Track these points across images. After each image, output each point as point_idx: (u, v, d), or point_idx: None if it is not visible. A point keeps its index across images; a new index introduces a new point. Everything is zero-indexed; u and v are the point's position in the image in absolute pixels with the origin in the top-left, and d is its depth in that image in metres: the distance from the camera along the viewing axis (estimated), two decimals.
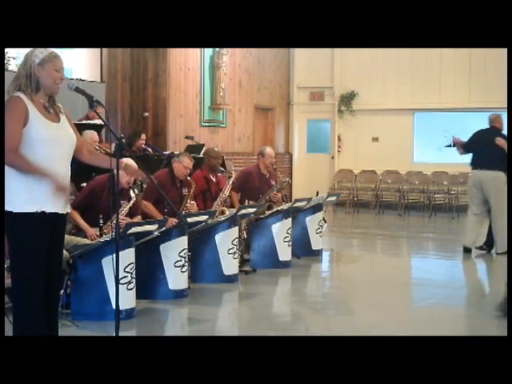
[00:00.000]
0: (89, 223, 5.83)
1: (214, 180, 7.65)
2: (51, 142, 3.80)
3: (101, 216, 5.78)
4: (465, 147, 8.88)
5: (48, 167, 3.75)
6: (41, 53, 3.80)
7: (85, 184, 6.48)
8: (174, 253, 6.03)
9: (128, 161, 5.94)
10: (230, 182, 7.61)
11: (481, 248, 8.84)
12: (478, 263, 8.78)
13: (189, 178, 6.92)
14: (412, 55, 13.80)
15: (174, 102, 11.70)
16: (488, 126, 8.89)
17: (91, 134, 7.57)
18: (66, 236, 5.67)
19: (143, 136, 8.93)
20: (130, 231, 5.34)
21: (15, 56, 9.17)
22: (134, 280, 5.44)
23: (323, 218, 8.47)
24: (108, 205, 5.31)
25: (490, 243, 8.78)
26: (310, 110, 15.32)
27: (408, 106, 14.09)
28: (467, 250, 8.76)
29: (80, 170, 6.65)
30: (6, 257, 5.10)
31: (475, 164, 8.70)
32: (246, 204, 7.67)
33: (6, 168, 3.70)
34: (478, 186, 8.59)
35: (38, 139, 3.74)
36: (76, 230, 5.99)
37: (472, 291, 7.02)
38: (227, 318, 6.06)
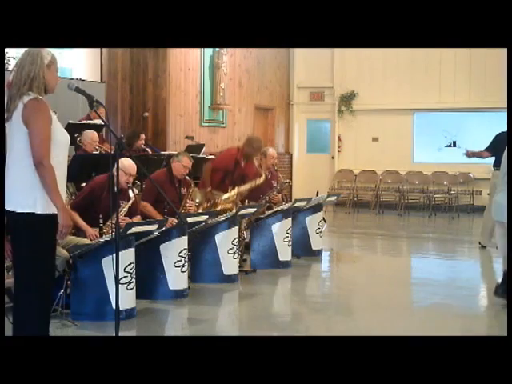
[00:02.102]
0: (89, 223, 5.83)
1: (242, 165, 7.69)
2: (64, 143, 3.87)
3: (101, 216, 5.78)
4: (490, 150, 9.00)
5: (63, 169, 3.82)
6: (47, 54, 3.79)
7: (84, 184, 6.48)
8: (174, 253, 6.03)
9: (126, 161, 5.96)
10: (257, 182, 7.66)
11: None
12: (478, 263, 8.79)
13: (187, 177, 6.93)
14: (412, 55, 13.80)
15: (174, 102, 11.70)
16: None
17: (91, 134, 7.58)
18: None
19: (142, 136, 8.91)
20: (129, 231, 5.34)
21: (15, 56, 9.17)
22: (133, 280, 5.44)
23: (323, 218, 8.47)
24: (107, 205, 5.32)
25: None
26: (309, 109, 15.32)
27: (408, 106, 14.10)
28: (483, 247, 9.04)
29: (80, 170, 6.67)
30: (7, 257, 5.13)
31: (498, 164, 8.74)
32: (246, 204, 7.68)
33: (28, 169, 3.68)
34: None
35: (58, 142, 3.78)
36: (76, 230, 5.99)
37: (472, 291, 7.02)
38: (227, 318, 6.05)
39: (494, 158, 9.01)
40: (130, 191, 6.08)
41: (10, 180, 3.74)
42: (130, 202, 6.03)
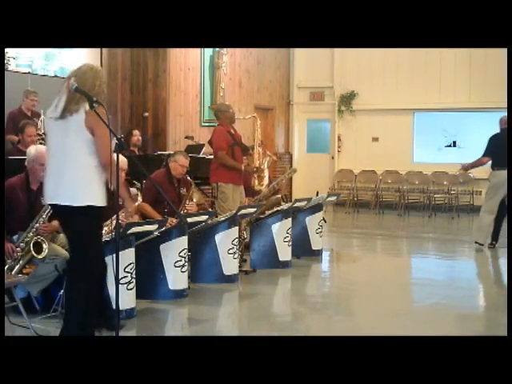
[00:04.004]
0: None
1: (234, 132, 7.84)
2: None
3: None
4: (488, 155, 9.02)
5: None
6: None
7: None
8: (174, 253, 6.03)
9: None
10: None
11: (493, 246, 9.02)
12: (478, 263, 8.78)
13: (189, 178, 6.92)
14: (412, 55, 13.79)
15: (174, 102, 11.70)
16: (500, 129, 9.10)
17: None
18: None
19: (135, 132, 9.10)
20: (130, 231, 5.34)
21: (15, 56, 9.17)
22: (133, 280, 5.44)
23: (323, 218, 8.47)
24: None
25: (496, 238, 9.13)
26: (309, 109, 15.32)
27: (408, 106, 14.08)
28: (480, 245, 9.08)
29: None
30: (7, 256, 5.13)
31: (500, 164, 8.79)
32: (247, 204, 7.68)
33: (89, 167, 4.20)
34: (504, 185, 8.69)
35: None
36: None
37: (472, 291, 7.02)
38: (227, 318, 6.05)
39: (492, 160, 9.05)
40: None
41: (69, 177, 4.18)
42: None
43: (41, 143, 7.49)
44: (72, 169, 4.20)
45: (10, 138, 7.91)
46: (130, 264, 5.41)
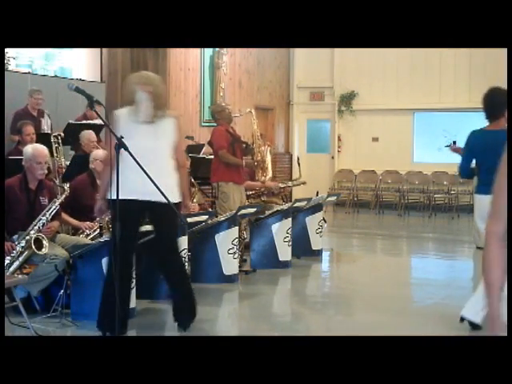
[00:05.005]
0: (83, 220, 5.89)
1: (233, 130, 7.93)
2: None
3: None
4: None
5: None
6: None
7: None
8: None
9: (101, 151, 6.10)
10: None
11: None
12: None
13: (192, 180, 6.93)
14: (412, 55, 13.80)
15: (174, 102, 11.70)
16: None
17: (88, 135, 7.55)
18: (66, 236, 5.70)
19: None
20: None
21: (15, 56, 9.17)
22: (134, 280, 5.43)
23: (323, 218, 8.47)
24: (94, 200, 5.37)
25: None
26: (310, 109, 15.33)
27: (408, 105, 14.10)
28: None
29: (79, 169, 6.67)
30: (7, 253, 5.14)
31: None
32: (247, 204, 7.68)
33: (175, 168, 4.70)
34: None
35: None
36: (74, 231, 6.01)
37: (472, 291, 7.01)
38: (227, 318, 6.06)
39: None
40: None
41: (166, 177, 4.59)
42: None
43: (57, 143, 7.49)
44: (168, 170, 4.60)
45: (14, 138, 7.93)
46: None
